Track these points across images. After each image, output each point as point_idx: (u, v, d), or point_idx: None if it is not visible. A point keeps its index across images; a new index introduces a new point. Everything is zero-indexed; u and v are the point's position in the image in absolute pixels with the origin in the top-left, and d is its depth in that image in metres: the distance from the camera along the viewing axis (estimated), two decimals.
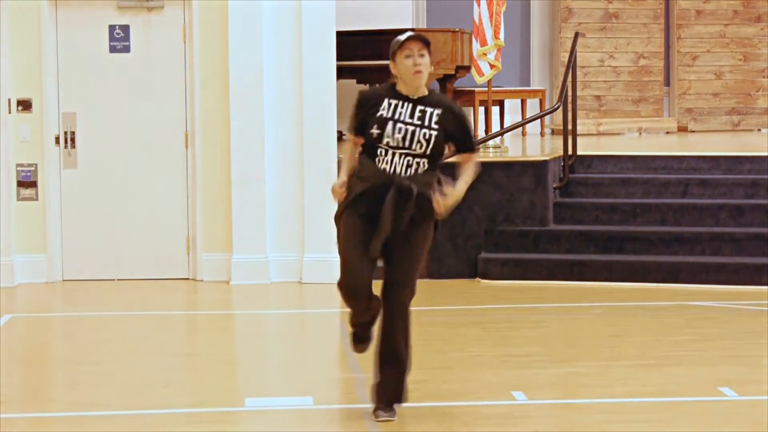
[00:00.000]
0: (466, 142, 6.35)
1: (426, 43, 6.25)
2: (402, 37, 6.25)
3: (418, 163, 6.20)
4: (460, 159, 6.40)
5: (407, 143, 6.19)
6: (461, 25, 13.02)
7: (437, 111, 6.24)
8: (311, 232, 10.58)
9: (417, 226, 6.25)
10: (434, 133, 6.20)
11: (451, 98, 6.54)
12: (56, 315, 9.79)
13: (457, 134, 6.29)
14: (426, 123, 6.21)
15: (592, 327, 8.80)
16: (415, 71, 6.20)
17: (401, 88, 6.27)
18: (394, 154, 6.20)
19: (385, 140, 6.19)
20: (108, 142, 10.83)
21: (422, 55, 6.22)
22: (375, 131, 6.21)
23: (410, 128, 6.20)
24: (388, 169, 6.19)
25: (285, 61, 10.65)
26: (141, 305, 9.85)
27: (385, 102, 6.26)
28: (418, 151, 6.19)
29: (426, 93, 6.30)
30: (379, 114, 6.23)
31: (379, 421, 6.29)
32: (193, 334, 9.31)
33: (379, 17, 13.60)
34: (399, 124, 6.20)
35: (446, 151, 6.31)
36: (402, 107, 6.25)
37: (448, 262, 10.83)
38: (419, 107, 6.25)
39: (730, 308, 9.42)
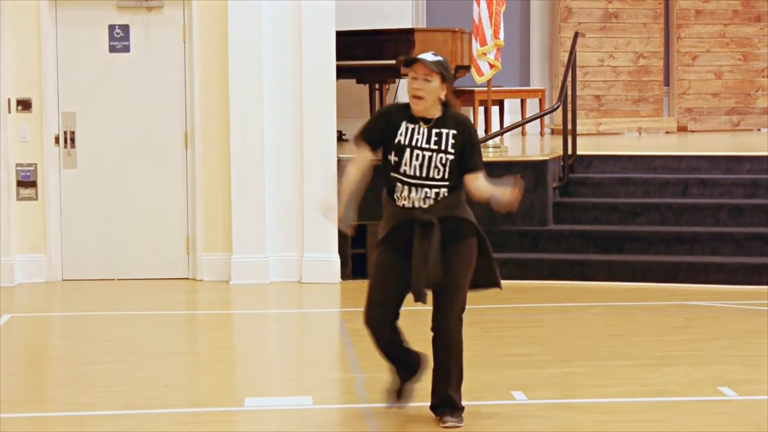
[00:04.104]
0: (476, 161, 6.10)
1: (435, 70, 5.99)
2: (416, 56, 6.03)
3: (436, 193, 6.04)
4: (466, 179, 6.12)
5: (424, 172, 6.01)
6: (461, 25, 13.01)
7: (453, 132, 6.06)
8: (311, 232, 10.58)
9: (454, 249, 6.14)
10: (450, 157, 6.02)
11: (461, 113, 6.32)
12: (56, 315, 9.79)
13: (468, 153, 6.07)
14: (443, 147, 6.03)
15: (592, 327, 8.80)
16: (413, 95, 6.02)
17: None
18: (410, 189, 6.02)
19: (402, 169, 6.01)
20: (108, 142, 10.83)
21: (427, 81, 5.99)
22: (393, 158, 6.04)
23: (427, 154, 6.01)
24: (407, 205, 6.04)
25: (285, 61, 10.64)
26: (141, 305, 9.85)
27: (403, 126, 6.06)
28: (436, 177, 6.02)
29: (440, 114, 6.08)
30: (397, 140, 6.04)
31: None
32: (192, 334, 9.30)
33: (379, 17, 13.59)
34: (416, 151, 6.01)
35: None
36: (419, 132, 6.05)
37: None
38: (435, 131, 6.06)
39: (730, 308, 9.42)
